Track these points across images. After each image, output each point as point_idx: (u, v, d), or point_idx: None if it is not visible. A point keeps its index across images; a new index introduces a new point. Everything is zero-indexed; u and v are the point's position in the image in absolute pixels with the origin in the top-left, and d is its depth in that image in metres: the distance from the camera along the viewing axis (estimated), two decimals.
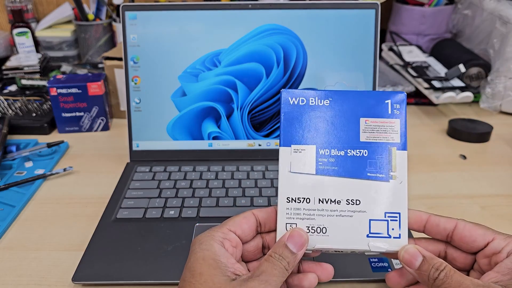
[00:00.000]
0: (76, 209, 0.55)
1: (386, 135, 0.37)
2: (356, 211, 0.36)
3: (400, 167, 0.36)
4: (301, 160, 0.36)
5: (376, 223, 0.36)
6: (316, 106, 0.37)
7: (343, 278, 0.42)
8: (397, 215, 0.36)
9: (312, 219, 0.36)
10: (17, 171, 0.62)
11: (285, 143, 0.37)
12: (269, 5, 0.59)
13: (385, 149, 0.36)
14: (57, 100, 0.72)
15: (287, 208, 0.36)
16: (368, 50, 0.60)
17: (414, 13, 0.94)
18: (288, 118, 0.37)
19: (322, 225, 0.36)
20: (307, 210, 0.36)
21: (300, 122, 0.37)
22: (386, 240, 0.35)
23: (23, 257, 0.46)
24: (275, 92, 0.61)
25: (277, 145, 0.62)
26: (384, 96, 0.37)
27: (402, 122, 0.37)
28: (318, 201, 0.36)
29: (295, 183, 0.36)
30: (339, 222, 0.36)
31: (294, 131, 0.37)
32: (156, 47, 0.60)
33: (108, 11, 1.03)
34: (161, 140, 0.62)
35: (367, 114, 0.37)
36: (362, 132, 0.37)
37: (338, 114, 0.37)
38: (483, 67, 0.83)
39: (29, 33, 1.00)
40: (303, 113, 0.37)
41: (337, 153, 0.36)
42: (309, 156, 0.36)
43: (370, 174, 0.36)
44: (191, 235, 0.48)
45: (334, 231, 0.36)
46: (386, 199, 0.36)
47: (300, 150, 0.37)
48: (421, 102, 0.86)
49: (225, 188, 0.55)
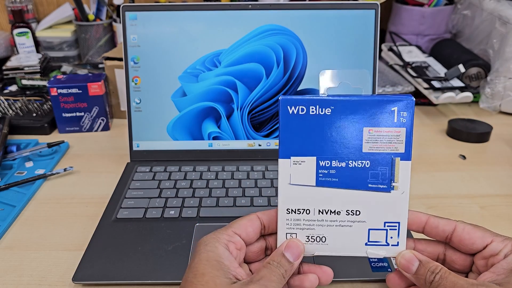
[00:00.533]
0: (76, 209, 0.55)
1: (390, 145, 0.35)
2: (355, 221, 0.36)
3: (402, 177, 0.35)
4: (301, 172, 0.36)
5: (375, 232, 0.36)
6: (317, 116, 0.35)
7: (343, 278, 0.42)
8: (397, 224, 0.36)
9: (311, 229, 0.36)
10: (18, 171, 0.62)
11: (284, 155, 0.36)
12: (269, 5, 0.59)
13: (388, 160, 0.35)
14: (57, 100, 0.72)
15: (287, 219, 0.36)
16: (367, 50, 0.60)
17: (413, 13, 0.94)
18: (287, 128, 0.36)
19: (322, 234, 0.36)
20: (306, 221, 0.36)
21: (299, 132, 0.36)
22: (384, 247, 0.36)
23: (23, 257, 0.46)
24: (275, 92, 0.61)
25: (277, 145, 0.62)
26: (390, 103, 0.35)
27: (408, 130, 0.35)
28: (318, 212, 0.36)
29: (295, 195, 0.36)
30: (339, 231, 0.36)
31: (293, 142, 0.36)
32: (156, 47, 0.60)
33: (108, 12, 1.03)
34: (161, 140, 0.62)
35: (371, 124, 0.35)
36: (365, 143, 0.35)
37: (340, 124, 0.35)
38: (483, 67, 0.83)
39: (29, 33, 1.00)
40: (303, 123, 0.35)
41: (338, 165, 0.35)
42: (309, 167, 0.36)
43: (371, 185, 0.36)
44: (191, 235, 0.48)
45: (333, 240, 0.36)
46: (386, 209, 0.36)
47: (299, 162, 0.36)
48: (420, 102, 0.86)
49: (225, 188, 0.55)
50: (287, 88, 0.61)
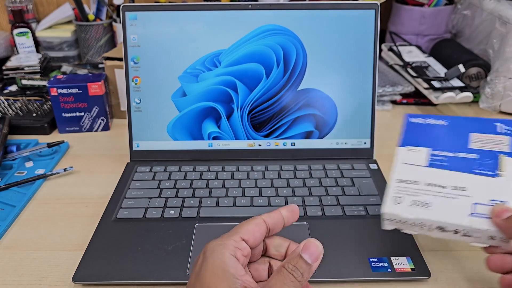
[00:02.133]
0: (76, 209, 0.55)
1: (495, 146, 0.43)
2: (461, 195, 0.40)
3: (509, 169, 0.41)
4: (414, 156, 0.44)
5: (480, 206, 0.39)
6: (434, 124, 0.46)
7: (343, 278, 0.42)
8: (504, 203, 0.39)
9: (417, 196, 0.41)
10: (18, 171, 0.62)
11: (402, 144, 0.45)
12: (269, 5, 0.59)
13: (494, 155, 0.42)
14: (57, 100, 0.72)
15: (395, 186, 0.42)
16: (367, 50, 0.60)
17: (413, 13, 0.94)
18: (409, 128, 0.47)
19: (427, 201, 0.40)
20: (414, 189, 0.41)
21: (418, 132, 0.46)
22: (487, 221, 0.38)
23: (23, 257, 0.47)
24: (275, 92, 0.61)
25: (277, 145, 0.62)
26: (495, 120, 0.45)
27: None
28: (425, 184, 0.41)
29: (407, 171, 0.43)
30: (443, 201, 0.40)
31: (411, 138, 0.45)
32: (156, 47, 0.60)
33: (108, 12, 1.03)
34: (161, 140, 0.62)
35: (478, 131, 0.45)
36: (472, 142, 0.44)
37: (452, 130, 0.45)
38: (483, 67, 0.83)
39: (29, 33, 1.00)
40: (421, 127, 0.46)
41: (448, 154, 0.43)
42: (422, 154, 0.44)
43: (478, 171, 0.42)
44: (191, 235, 0.48)
45: (437, 206, 0.40)
46: (493, 190, 0.40)
47: (414, 150, 0.44)
48: (420, 102, 0.86)
49: (225, 188, 0.56)
50: (287, 88, 0.61)
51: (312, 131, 0.62)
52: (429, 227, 0.40)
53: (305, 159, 0.62)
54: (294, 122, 0.62)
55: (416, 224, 0.40)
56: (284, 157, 0.62)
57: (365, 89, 0.61)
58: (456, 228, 0.38)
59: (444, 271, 0.44)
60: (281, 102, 0.61)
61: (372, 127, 0.62)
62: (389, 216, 0.41)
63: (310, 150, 0.62)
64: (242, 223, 0.36)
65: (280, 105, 0.61)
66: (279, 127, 0.62)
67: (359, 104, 0.61)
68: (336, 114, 0.62)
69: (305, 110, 0.62)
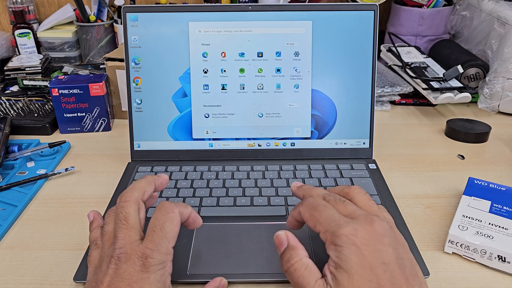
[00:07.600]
0: (77, 208, 0.55)
1: None
2: None
3: None
4: (478, 204, 0.50)
5: None
6: (495, 188, 0.52)
7: None
8: None
9: (481, 229, 0.46)
10: (19, 171, 0.63)
11: (467, 193, 0.52)
12: (269, 6, 0.60)
13: None
14: (58, 100, 0.72)
15: (461, 219, 0.47)
16: (366, 51, 0.61)
17: (412, 14, 0.94)
18: (472, 184, 0.53)
19: (490, 234, 0.45)
20: (478, 225, 0.46)
21: (480, 189, 0.52)
22: None
23: (25, 257, 0.47)
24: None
25: (277, 145, 0.63)
26: None
27: None
28: (488, 224, 0.46)
29: (471, 211, 0.49)
30: (506, 237, 0.44)
31: (475, 191, 0.52)
32: (157, 48, 0.61)
33: (109, 13, 1.03)
34: (162, 140, 0.63)
35: None
36: None
37: (509, 193, 0.51)
38: (481, 67, 0.84)
39: (30, 34, 1.01)
40: (483, 187, 0.53)
41: (508, 209, 0.49)
42: (485, 203, 0.50)
43: None
44: (191, 235, 0.48)
45: (500, 240, 0.44)
46: None
47: (477, 199, 0.50)
48: (419, 102, 0.86)
49: (225, 188, 0.56)
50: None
51: (312, 131, 0.62)
52: (489, 255, 0.44)
53: (304, 159, 0.62)
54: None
55: (478, 251, 0.44)
56: (284, 157, 0.63)
57: (364, 89, 0.61)
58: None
59: (443, 271, 0.45)
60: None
61: (371, 127, 0.62)
62: (454, 238, 0.45)
63: (309, 150, 0.63)
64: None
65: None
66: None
67: (358, 105, 0.62)
68: (335, 114, 0.62)
69: None
